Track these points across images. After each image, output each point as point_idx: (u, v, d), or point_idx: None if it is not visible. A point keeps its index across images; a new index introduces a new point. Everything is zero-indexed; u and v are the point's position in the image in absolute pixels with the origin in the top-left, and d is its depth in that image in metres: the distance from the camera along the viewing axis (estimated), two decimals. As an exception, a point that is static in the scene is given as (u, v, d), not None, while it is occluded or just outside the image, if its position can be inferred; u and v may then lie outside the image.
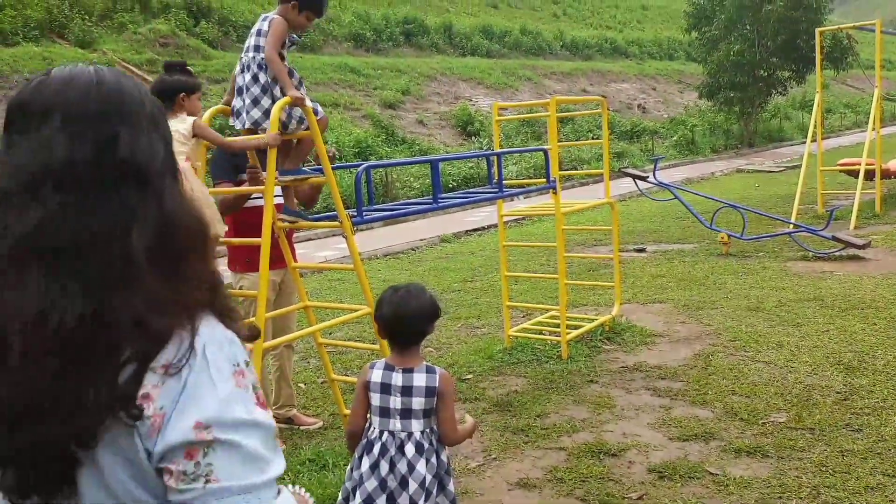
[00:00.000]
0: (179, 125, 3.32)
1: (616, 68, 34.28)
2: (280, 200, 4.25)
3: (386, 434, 2.59)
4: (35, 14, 19.87)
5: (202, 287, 1.04)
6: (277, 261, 4.09)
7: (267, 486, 1.01)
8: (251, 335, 1.13)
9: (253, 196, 4.00)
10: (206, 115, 3.77)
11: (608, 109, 6.11)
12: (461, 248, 11.04)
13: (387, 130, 20.32)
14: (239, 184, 4.09)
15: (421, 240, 11.45)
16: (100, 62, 3.16)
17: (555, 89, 29.69)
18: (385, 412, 2.59)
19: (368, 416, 2.67)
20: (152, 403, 0.96)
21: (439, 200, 4.28)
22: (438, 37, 30.56)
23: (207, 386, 0.99)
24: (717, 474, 3.77)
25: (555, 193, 5.43)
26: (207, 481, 0.97)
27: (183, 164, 3.14)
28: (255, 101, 3.58)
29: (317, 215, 3.97)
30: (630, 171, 9.35)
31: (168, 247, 1.01)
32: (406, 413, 2.58)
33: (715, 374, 5.15)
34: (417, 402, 2.58)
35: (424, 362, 2.67)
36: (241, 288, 4.24)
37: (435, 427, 2.63)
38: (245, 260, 4.19)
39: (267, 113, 3.53)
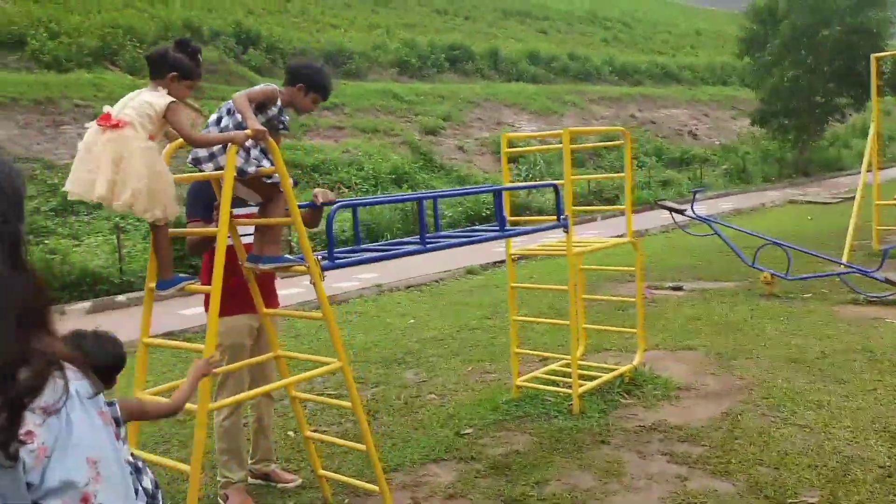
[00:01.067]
0: (155, 99, 3.01)
1: (667, 93, 33.57)
2: (249, 240, 3.92)
3: None
4: (89, 42, 20.25)
5: (56, 343, 1.17)
6: (253, 303, 3.75)
7: None
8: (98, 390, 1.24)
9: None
10: (168, 149, 3.44)
11: (631, 140, 5.64)
12: (487, 280, 10.60)
13: (425, 157, 20.07)
14: (209, 223, 3.76)
15: (446, 271, 11.04)
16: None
17: (602, 115, 29.15)
18: None
19: None
20: (36, 439, 1.10)
21: (428, 242, 3.88)
22: (484, 62, 30.37)
23: (87, 425, 1.16)
24: (731, 567, 3.25)
25: (566, 232, 4.97)
26: None
27: (146, 142, 2.96)
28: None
29: (286, 257, 3.60)
30: (667, 203, 8.80)
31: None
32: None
33: (742, 437, 4.60)
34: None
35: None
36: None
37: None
38: (217, 303, 3.86)
39: (224, 148, 3.19)
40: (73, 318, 9.33)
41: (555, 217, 4.91)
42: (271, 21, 26.77)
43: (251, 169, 3.23)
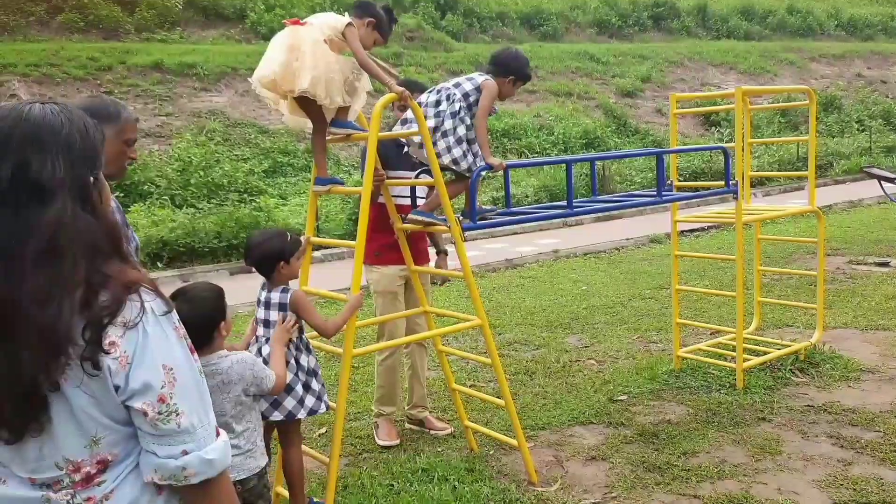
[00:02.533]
0: (336, 20, 3.38)
1: (902, 49, 30.03)
2: (406, 202, 4.15)
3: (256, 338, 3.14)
4: (300, 13, 21.72)
5: (130, 271, 1.34)
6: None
7: (212, 421, 1.40)
8: (169, 308, 1.39)
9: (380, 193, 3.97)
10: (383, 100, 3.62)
11: (816, 102, 5.21)
12: (668, 249, 10.23)
13: (619, 120, 19.56)
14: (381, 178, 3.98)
15: (628, 239, 10.81)
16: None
17: (823, 74, 26.73)
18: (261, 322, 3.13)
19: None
20: (118, 349, 1.29)
21: (574, 206, 3.89)
22: (691, 20, 28.84)
23: (162, 337, 1.34)
24: (880, 560, 3.04)
25: (735, 199, 4.74)
26: (178, 415, 1.33)
27: (322, 46, 3.29)
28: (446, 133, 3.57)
29: (430, 219, 3.77)
30: (875, 170, 8.04)
31: (59, 252, 1.26)
32: (266, 323, 3.09)
33: (924, 426, 4.20)
34: (273, 314, 3.08)
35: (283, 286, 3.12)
36: (368, 281, 4.30)
37: (295, 337, 3.08)
38: (374, 253, 4.21)
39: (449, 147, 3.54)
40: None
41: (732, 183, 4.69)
42: (470, -14, 27.10)
43: (464, 164, 3.52)
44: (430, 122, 3.56)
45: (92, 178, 1.36)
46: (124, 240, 1.41)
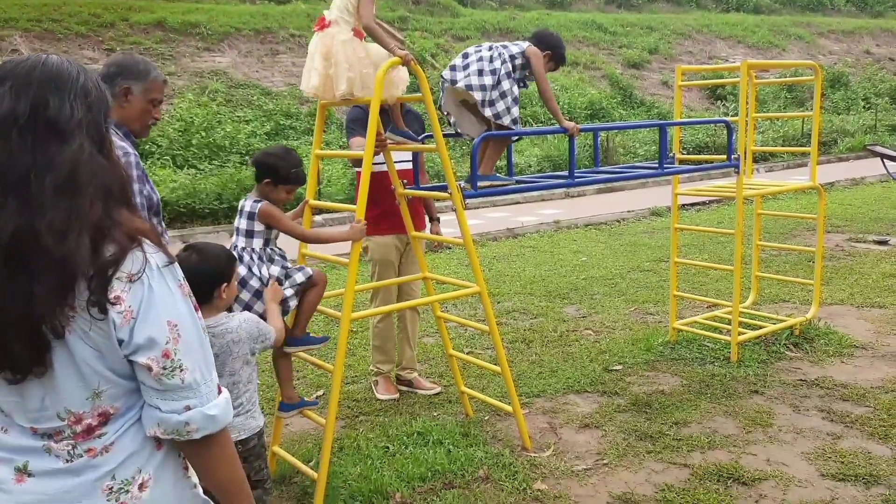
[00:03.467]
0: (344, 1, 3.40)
1: (912, 26, 29.70)
2: (408, 166, 4.16)
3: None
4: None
5: (137, 220, 1.36)
6: (402, 225, 4.05)
7: (214, 378, 1.44)
8: (171, 260, 1.41)
9: (376, 161, 3.93)
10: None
11: (823, 78, 5.18)
12: (669, 222, 10.23)
13: (625, 92, 19.42)
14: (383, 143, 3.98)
15: (629, 211, 10.82)
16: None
17: (831, 50, 26.49)
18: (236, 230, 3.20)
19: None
20: (123, 302, 1.31)
21: (577, 176, 3.90)
22: (701, -9, 28.49)
23: (168, 292, 1.36)
24: (864, 531, 3.10)
25: (737, 172, 4.74)
26: (182, 370, 1.36)
27: (347, 35, 3.33)
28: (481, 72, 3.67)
29: (430, 186, 3.80)
30: (879, 148, 8.01)
31: (78, 188, 1.29)
32: (237, 230, 3.17)
33: (914, 403, 4.26)
34: (242, 222, 3.16)
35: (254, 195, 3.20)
36: (365, 248, 4.32)
37: (258, 247, 3.13)
38: (370, 223, 4.19)
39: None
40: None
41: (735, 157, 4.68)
42: (479, -49, 26.71)
43: (506, 118, 3.60)
44: (487, 80, 3.65)
45: (104, 127, 1.39)
46: (133, 192, 1.44)
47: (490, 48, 3.78)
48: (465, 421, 4.20)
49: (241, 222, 3.17)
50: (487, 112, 3.66)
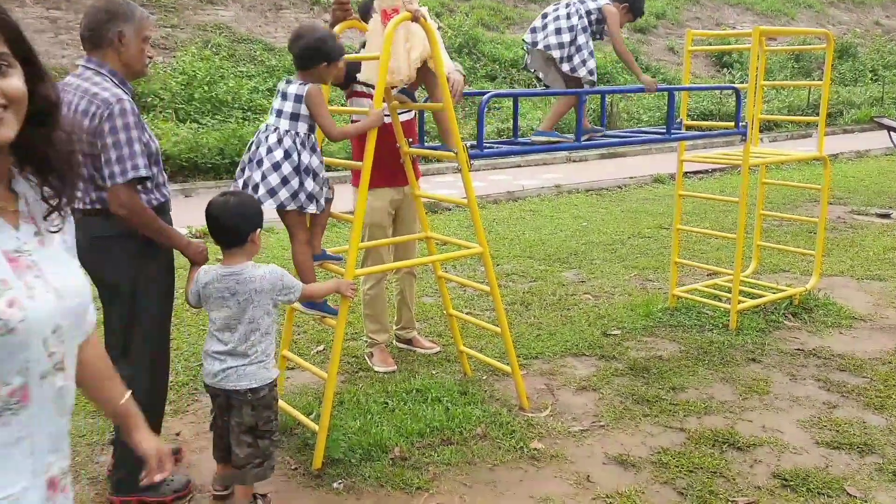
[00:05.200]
0: None
1: (926, -4, 29.28)
2: (409, 116, 4.11)
3: (265, 126, 3.17)
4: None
5: None
6: (397, 177, 4.01)
7: None
8: None
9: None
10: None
11: (833, 47, 5.12)
12: (671, 190, 10.21)
13: (631, 57, 19.19)
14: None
15: (631, 177, 10.77)
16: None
17: (841, 20, 26.15)
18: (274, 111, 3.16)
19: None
20: None
21: (582, 140, 3.87)
22: (711, -43, 28.01)
23: None
24: (856, 497, 3.14)
25: (744, 140, 4.71)
26: None
27: (378, 37, 3.32)
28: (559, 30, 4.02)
29: (434, 146, 3.77)
30: (886, 120, 7.96)
31: None
32: (279, 113, 3.11)
33: (910, 375, 4.29)
34: (287, 105, 3.10)
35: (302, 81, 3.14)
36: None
37: (302, 132, 3.10)
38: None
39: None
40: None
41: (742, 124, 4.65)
42: None
43: (582, 70, 3.92)
44: (564, 37, 3.93)
45: None
46: None
47: (567, 5, 4.02)
48: (464, 380, 4.23)
49: (285, 105, 3.10)
50: (565, 66, 3.93)
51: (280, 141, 3.05)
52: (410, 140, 3.97)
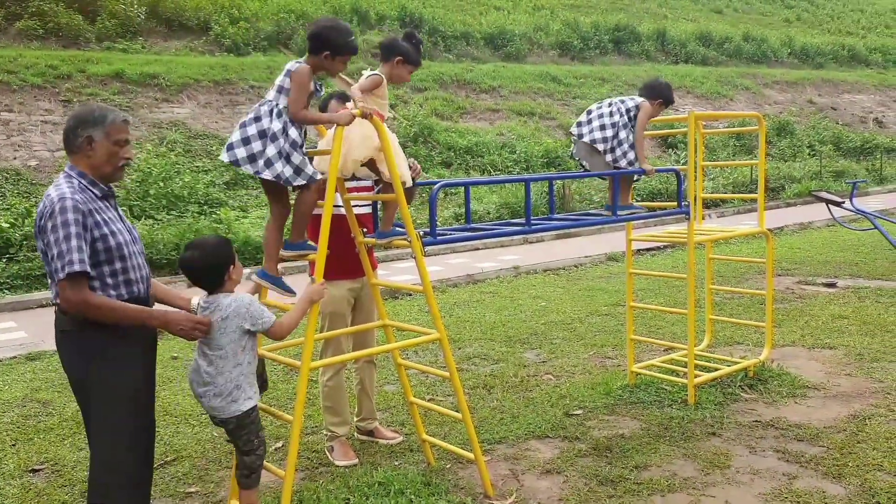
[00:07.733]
0: (363, 80, 3.44)
1: (851, 78, 31.07)
2: (366, 210, 4.18)
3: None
4: (265, 26, 21.70)
5: None
6: (356, 270, 4.05)
7: None
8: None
9: (336, 203, 3.97)
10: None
11: (766, 127, 5.40)
12: (625, 267, 10.43)
13: (580, 140, 19.84)
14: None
15: (586, 256, 10.99)
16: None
17: (776, 100, 27.50)
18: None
19: None
20: None
21: (532, 224, 3.98)
22: (650, 44, 29.45)
23: None
24: (821, 570, 3.14)
25: (687, 219, 4.88)
26: None
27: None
28: (603, 126, 4.71)
29: (394, 231, 3.82)
30: (822, 194, 8.31)
31: None
32: (274, 85, 3.19)
33: (865, 442, 4.36)
34: (278, 78, 3.17)
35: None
36: None
37: (281, 105, 3.13)
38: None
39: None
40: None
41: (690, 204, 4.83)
42: (435, 4, 27.34)
43: (623, 161, 4.46)
44: (608, 133, 4.61)
45: None
46: None
47: (609, 104, 4.72)
48: (427, 470, 4.17)
49: (279, 78, 3.19)
50: (608, 158, 4.60)
51: (260, 107, 3.16)
52: (365, 230, 4.04)
